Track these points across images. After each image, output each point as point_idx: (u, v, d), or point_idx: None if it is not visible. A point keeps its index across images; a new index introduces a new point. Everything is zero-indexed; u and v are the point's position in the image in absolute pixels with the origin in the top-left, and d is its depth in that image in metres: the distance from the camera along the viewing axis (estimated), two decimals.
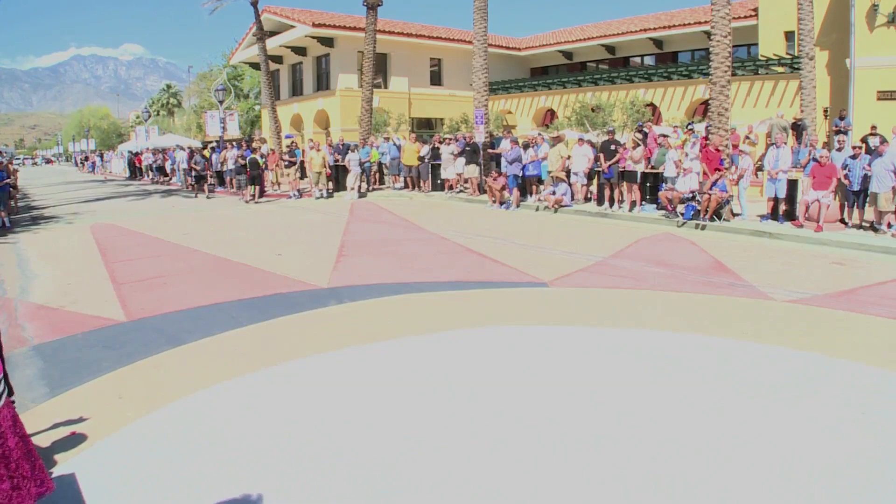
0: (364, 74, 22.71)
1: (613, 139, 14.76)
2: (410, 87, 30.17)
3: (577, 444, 3.51)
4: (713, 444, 3.48)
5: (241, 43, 33.59)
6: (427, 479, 3.17)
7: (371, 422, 3.80)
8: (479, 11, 19.05)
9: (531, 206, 15.83)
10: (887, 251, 9.56)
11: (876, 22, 16.84)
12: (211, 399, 4.25)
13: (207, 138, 34.39)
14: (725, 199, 12.31)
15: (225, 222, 14.27)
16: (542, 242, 10.69)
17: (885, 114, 15.93)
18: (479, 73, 19.20)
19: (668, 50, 28.24)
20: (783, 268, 8.56)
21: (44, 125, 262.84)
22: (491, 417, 3.86)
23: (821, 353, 5.01)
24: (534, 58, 33.84)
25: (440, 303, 6.80)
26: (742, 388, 4.27)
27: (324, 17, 29.13)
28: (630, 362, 4.83)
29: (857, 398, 4.10)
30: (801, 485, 3.08)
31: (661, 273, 8.24)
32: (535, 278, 7.92)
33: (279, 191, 21.54)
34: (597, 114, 22.90)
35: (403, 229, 12.34)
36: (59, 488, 3.15)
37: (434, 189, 19.61)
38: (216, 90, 26.07)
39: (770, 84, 20.56)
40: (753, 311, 6.36)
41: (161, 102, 70.05)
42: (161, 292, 7.37)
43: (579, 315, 6.27)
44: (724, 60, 13.47)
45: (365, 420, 3.81)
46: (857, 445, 3.46)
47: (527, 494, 3.02)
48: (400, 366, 4.84)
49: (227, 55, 43.08)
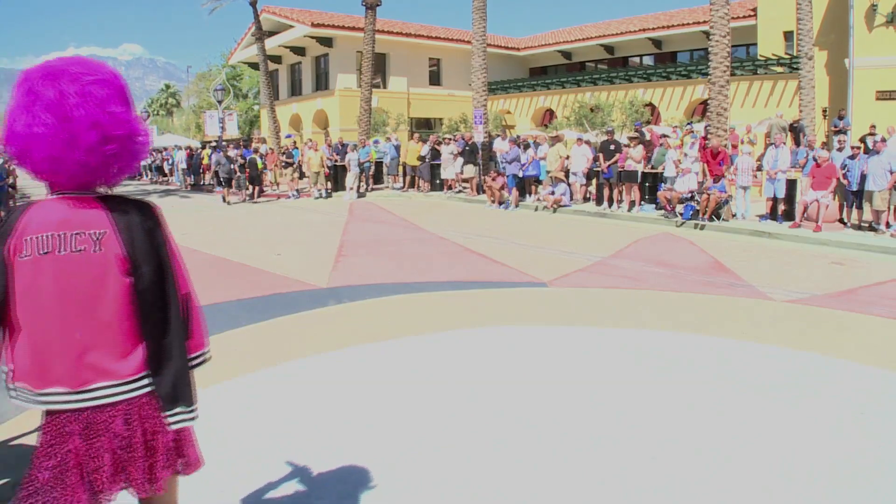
0: (363, 74, 22.71)
1: (612, 139, 14.77)
2: (409, 87, 30.17)
3: (576, 444, 3.50)
4: (713, 444, 3.48)
5: (240, 43, 33.56)
6: (427, 479, 3.17)
7: (371, 422, 3.80)
8: (477, 11, 19.05)
9: (530, 206, 15.84)
10: (886, 251, 9.57)
11: (875, 22, 16.85)
12: (210, 399, 4.24)
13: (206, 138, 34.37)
14: (724, 199, 12.32)
15: (224, 222, 14.26)
16: (541, 242, 10.69)
17: (884, 114, 15.94)
18: (477, 72, 19.20)
19: (667, 50, 28.25)
20: (782, 268, 8.57)
21: None
22: (491, 417, 3.85)
23: (820, 353, 5.01)
24: (533, 58, 33.84)
25: (439, 303, 6.80)
26: (742, 388, 4.27)
27: (323, 17, 29.13)
28: (630, 362, 4.83)
29: (856, 398, 4.10)
30: (801, 485, 3.08)
31: (660, 273, 8.24)
32: (535, 278, 7.92)
33: (278, 191, 21.53)
34: (596, 114, 22.90)
35: (402, 229, 12.33)
36: None
37: (433, 189, 19.62)
38: (215, 90, 26.08)
39: (769, 84, 20.57)
40: (753, 311, 6.36)
41: (160, 102, 69.98)
42: None
43: (579, 315, 6.27)
44: (724, 60, 13.48)
45: (364, 420, 3.81)
46: (857, 445, 3.46)
47: (527, 494, 3.02)
48: (399, 366, 4.84)
49: (226, 55, 43.07)
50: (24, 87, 1.70)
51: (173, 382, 1.81)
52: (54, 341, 1.69)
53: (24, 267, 1.67)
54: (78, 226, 1.71)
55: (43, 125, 1.65)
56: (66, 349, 1.70)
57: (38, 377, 1.70)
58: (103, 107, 1.71)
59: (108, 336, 1.74)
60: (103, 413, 1.74)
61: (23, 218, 1.70)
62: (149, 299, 1.78)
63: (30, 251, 1.67)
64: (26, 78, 1.71)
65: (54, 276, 1.68)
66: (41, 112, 1.65)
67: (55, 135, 1.65)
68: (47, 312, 1.69)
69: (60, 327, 1.69)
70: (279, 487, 3.10)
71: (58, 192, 1.75)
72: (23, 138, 1.67)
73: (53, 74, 1.69)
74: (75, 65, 1.73)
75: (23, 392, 1.73)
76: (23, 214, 1.71)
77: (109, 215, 1.74)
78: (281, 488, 3.08)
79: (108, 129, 1.71)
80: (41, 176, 1.74)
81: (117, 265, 1.73)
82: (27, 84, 1.69)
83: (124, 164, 1.78)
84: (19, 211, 1.73)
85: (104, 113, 1.70)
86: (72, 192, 1.75)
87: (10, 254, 1.67)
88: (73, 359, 1.70)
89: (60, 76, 1.69)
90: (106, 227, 1.73)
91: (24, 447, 3.61)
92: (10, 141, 1.70)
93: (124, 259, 1.74)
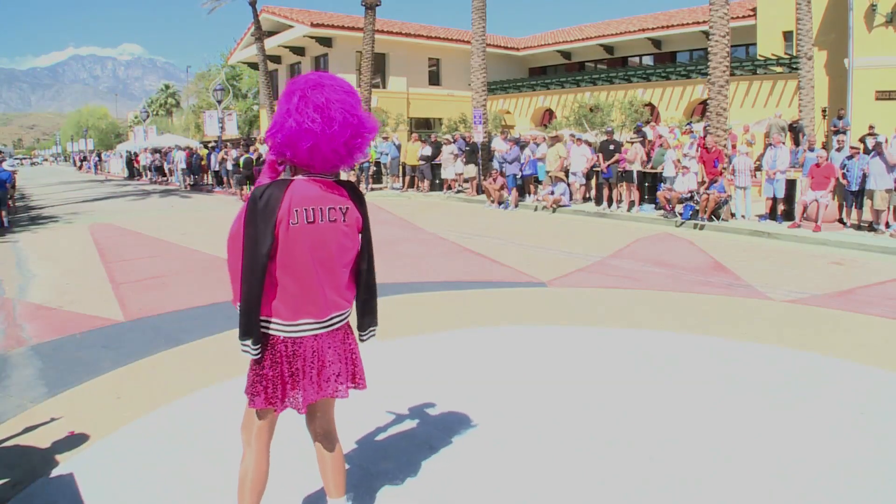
0: (362, 74, 22.69)
1: (612, 139, 14.77)
2: (409, 86, 30.17)
3: (576, 444, 3.50)
4: (713, 445, 3.48)
5: (240, 43, 33.56)
6: (426, 479, 3.17)
7: (370, 422, 3.80)
8: (477, 11, 19.05)
9: (530, 205, 15.84)
10: (885, 251, 9.58)
11: (874, 22, 16.86)
12: (210, 399, 4.24)
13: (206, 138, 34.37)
14: (724, 200, 12.33)
15: (223, 222, 14.24)
16: (540, 242, 10.69)
17: (884, 113, 15.96)
18: (477, 72, 19.20)
19: (666, 50, 28.26)
20: (782, 268, 8.57)
21: (42, 125, 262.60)
22: (490, 417, 3.85)
23: (820, 353, 5.01)
24: (532, 58, 33.85)
25: (438, 303, 6.80)
26: (742, 388, 4.27)
27: (322, 16, 29.13)
28: (629, 362, 4.83)
29: (856, 398, 4.10)
30: (801, 485, 3.08)
31: (659, 273, 8.24)
32: (534, 278, 7.92)
33: None
34: (595, 114, 22.90)
35: (402, 229, 12.33)
36: (58, 488, 3.14)
37: (433, 189, 19.61)
38: (214, 90, 26.08)
39: (768, 84, 20.58)
40: (753, 311, 6.36)
41: (159, 102, 70.01)
42: (160, 292, 7.36)
43: (578, 315, 6.27)
44: (723, 60, 13.49)
45: (364, 420, 3.81)
46: (857, 446, 3.47)
47: (527, 494, 3.02)
48: (398, 366, 4.83)
49: (226, 55, 43.10)
50: (295, 93, 2.20)
51: (375, 309, 2.60)
52: (307, 288, 2.28)
53: (293, 232, 2.21)
54: (331, 201, 2.30)
55: (312, 121, 2.15)
56: (316, 293, 2.31)
57: (293, 313, 2.29)
58: (353, 111, 2.23)
59: (340, 281, 2.38)
60: (335, 333, 2.42)
61: (286, 193, 2.20)
62: (365, 255, 2.47)
63: (298, 220, 2.21)
64: (296, 87, 2.22)
65: (312, 239, 2.25)
66: (312, 112, 2.16)
67: (322, 130, 2.16)
68: (304, 266, 2.26)
69: (313, 277, 2.28)
70: (279, 487, 3.09)
71: (306, 174, 2.29)
72: (293, 131, 2.17)
73: (319, 85, 2.21)
74: (329, 78, 2.26)
75: (275, 323, 2.30)
76: (286, 191, 2.21)
77: (347, 193, 2.37)
78: (280, 488, 3.08)
79: (357, 128, 2.24)
80: (300, 161, 2.25)
81: (357, 229, 2.40)
82: (299, 91, 2.20)
83: (360, 154, 2.34)
84: (282, 187, 2.21)
85: (353, 116, 2.23)
86: (319, 175, 2.29)
87: (280, 222, 2.19)
88: (321, 299, 2.32)
89: (323, 87, 2.20)
90: (348, 202, 2.35)
91: (24, 446, 3.61)
92: (280, 132, 2.19)
93: (361, 225, 2.42)
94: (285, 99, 2.22)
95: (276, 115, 2.24)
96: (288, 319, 2.30)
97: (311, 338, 2.35)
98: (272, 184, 2.23)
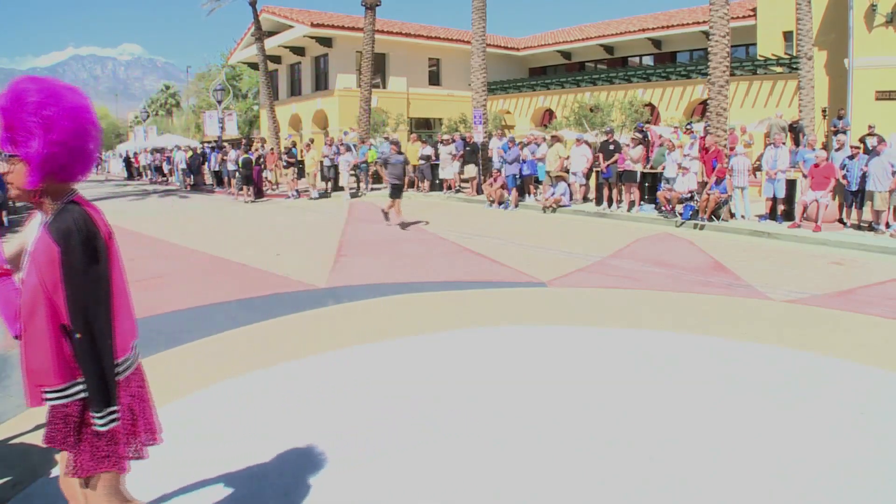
0: (362, 74, 22.69)
1: (612, 139, 14.77)
2: (409, 86, 30.16)
3: (576, 444, 3.50)
4: (713, 445, 3.48)
5: (240, 43, 33.53)
6: (426, 479, 3.17)
7: (370, 422, 3.80)
8: (477, 11, 19.05)
9: (530, 206, 15.84)
10: (885, 251, 9.58)
11: (874, 22, 16.85)
12: (209, 399, 4.24)
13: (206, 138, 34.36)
14: (724, 200, 12.33)
15: (223, 222, 14.26)
16: (540, 242, 10.69)
17: (884, 114, 15.94)
18: (477, 72, 19.19)
19: (666, 50, 28.24)
20: (782, 268, 8.57)
21: None
22: (490, 417, 3.85)
23: (820, 353, 5.01)
24: (532, 58, 33.83)
25: (438, 303, 6.80)
26: (742, 388, 4.27)
27: (322, 17, 29.11)
28: (629, 362, 4.83)
29: (856, 398, 4.10)
30: (801, 485, 3.08)
31: (659, 273, 8.24)
32: (534, 278, 7.92)
33: (278, 191, 21.53)
34: (595, 114, 22.89)
35: (402, 229, 12.33)
36: (58, 488, 3.13)
37: (433, 189, 19.60)
38: (215, 90, 26.09)
39: (768, 84, 20.57)
40: (753, 311, 6.36)
41: (159, 102, 69.98)
42: (159, 292, 7.35)
43: (578, 315, 6.27)
44: (723, 60, 13.49)
45: (364, 420, 3.81)
46: (857, 445, 3.46)
47: (527, 494, 3.02)
48: (398, 366, 4.83)
49: (226, 55, 43.07)
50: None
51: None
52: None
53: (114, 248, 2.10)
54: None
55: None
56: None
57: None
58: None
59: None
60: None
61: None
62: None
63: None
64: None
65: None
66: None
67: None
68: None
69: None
70: (277, 488, 3.09)
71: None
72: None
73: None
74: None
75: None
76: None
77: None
78: (280, 488, 3.08)
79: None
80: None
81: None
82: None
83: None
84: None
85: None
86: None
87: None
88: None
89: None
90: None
91: (24, 446, 3.61)
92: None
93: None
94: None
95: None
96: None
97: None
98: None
